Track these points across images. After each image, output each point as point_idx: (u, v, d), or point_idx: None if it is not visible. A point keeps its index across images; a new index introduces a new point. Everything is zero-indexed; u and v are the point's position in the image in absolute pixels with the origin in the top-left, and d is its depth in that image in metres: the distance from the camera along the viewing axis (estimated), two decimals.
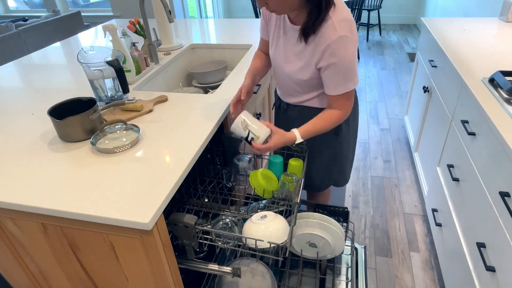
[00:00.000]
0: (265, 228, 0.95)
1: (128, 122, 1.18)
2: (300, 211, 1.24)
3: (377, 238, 1.92)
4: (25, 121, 1.26)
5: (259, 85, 1.82)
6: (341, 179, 1.52)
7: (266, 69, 1.36)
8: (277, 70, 1.28)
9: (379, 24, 5.33)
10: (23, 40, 3.58)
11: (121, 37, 1.48)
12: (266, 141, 1.11)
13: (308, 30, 1.06)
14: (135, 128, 1.14)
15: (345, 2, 3.78)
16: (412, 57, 4.36)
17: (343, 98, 1.14)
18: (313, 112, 1.23)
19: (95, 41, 2.21)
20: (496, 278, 1.10)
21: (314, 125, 1.17)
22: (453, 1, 3.84)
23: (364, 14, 5.63)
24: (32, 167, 1.00)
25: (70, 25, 4.18)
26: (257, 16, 4.69)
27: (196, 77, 1.87)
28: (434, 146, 1.88)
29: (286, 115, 1.39)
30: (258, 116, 1.89)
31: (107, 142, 1.10)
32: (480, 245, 1.20)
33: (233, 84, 1.47)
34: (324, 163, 1.43)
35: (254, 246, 0.94)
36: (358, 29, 5.54)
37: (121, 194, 0.88)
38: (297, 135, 1.14)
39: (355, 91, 1.31)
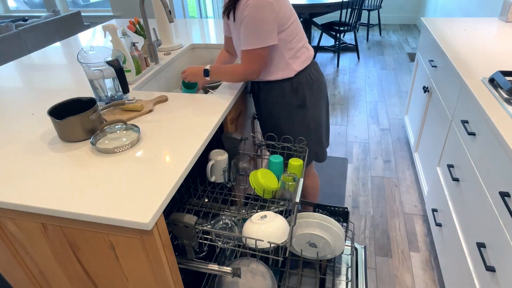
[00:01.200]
0: (265, 228, 0.95)
1: (128, 122, 1.18)
2: (300, 211, 1.24)
3: (377, 238, 1.92)
4: (25, 121, 1.26)
5: None
6: (321, 151, 1.58)
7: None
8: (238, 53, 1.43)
9: (379, 24, 5.33)
10: (23, 40, 3.58)
11: (121, 37, 1.48)
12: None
13: (229, 8, 1.25)
14: (135, 128, 1.14)
15: (345, 2, 3.78)
16: (412, 57, 4.36)
17: (247, 54, 1.26)
18: (274, 85, 1.39)
19: (95, 41, 2.21)
20: (496, 278, 1.10)
21: (221, 67, 1.38)
22: (453, 1, 3.84)
23: (364, 14, 5.64)
24: (32, 167, 1.00)
25: (70, 25, 4.18)
26: None
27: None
28: (434, 146, 1.88)
29: (259, 95, 1.49)
30: (256, 117, 1.89)
31: (107, 142, 1.10)
32: (480, 245, 1.20)
33: (233, 84, 1.47)
34: (299, 134, 1.49)
35: (254, 246, 0.94)
36: (358, 29, 5.54)
37: (121, 194, 0.88)
38: (207, 67, 1.38)
39: (320, 71, 1.46)
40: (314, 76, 1.41)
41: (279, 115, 1.45)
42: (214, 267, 1.06)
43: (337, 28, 4.11)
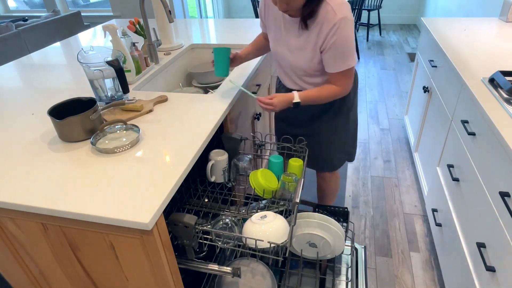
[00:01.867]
0: (265, 228, 0.95)
1: (128, 122, 1.18)
2: (300, 211, 1.24)
3: (377, 238, 1.92)
4: (25, 121, 1.26)
5: (259, 85, 1.82)
6: (354, 152, 1.65)
7: (256, 54, 1.54)
8: (281, 61, 1.38)
9: (379, 24, 5.33)
10: (23, 40, 3.58)
11: (121, 37, 1.48)
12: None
13: (307, 16, 1.17)
14: (135, 128, 1.14)
15: None
16: (412, 57, 4.36)
17: (342, 75, 1.24)
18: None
19: (95, 41, 2.21)
20: (496, 278, 1.10)
21: (313, 92, 1.28)
22: (453, 1, 3.84)
23: (364, 14, 5.63)
24: (32, 167, 1.00)
25: (70, 25, 4.18)
26: (257, 16, 4.69)
27: (196, 77, 1.87)
28: (434, 146, 1.88)
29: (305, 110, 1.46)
30: (258, 116, 1.89)
31: (107, 142, 1.10)
32: (480, 245, 1.20)
33: (233, 84, 1.47)
34: (341, 140, 1.51)
35: (254, 246, 0.94)
36: (358, 29, 5.54)
37: (121, 194, 0.88)
38: (295, 94, 1.26)
39: (355, 70, 1.39)
40: (355, 81, 1.43)
41: (324, 124, 1.45)
42: (214, 267, 1.06)
43: None
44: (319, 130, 1.47)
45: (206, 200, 1.30)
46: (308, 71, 1.30)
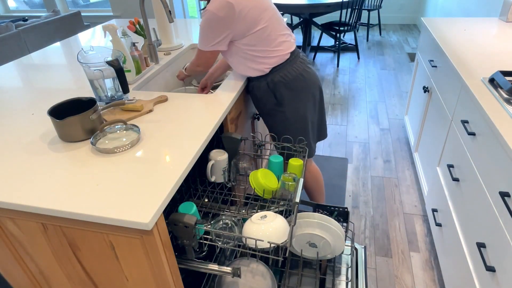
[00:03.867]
0: (265, 228, 0.95)
1: (128, 122, 1.18)
2: (300, 211, 1.24)
3: (377, 238, 1.92)
4: (25, 121, 1.26)
5: None
6: (311, 149, 1.63)
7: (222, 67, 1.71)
8: None
9: (379, 24, 5.33)
10: (23, 40, 3.58)
11: (121, 37, 1.48)
12: None
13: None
14: (135, 128, 1.14)
15: (345, 2, 3.78)
16: (412, 57, 4.36)
17: (196, 52, 1.46)
18: (255, 82, 1.48)
19: (95, 41, 2.21)
20: (496, 278, 1.10)
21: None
22: (453, 1, 3.84)
23: (364, 14, 5.64)
24: (32, 167, 1.00)
25: (70, 25, 4.18)
26: None
27: (196, 77, 1.87)
28: (434, 146, 1.88)
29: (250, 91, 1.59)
30: (258, 116, 1.89)
31: (107, 142, 1.10)
32: (480, 245, 1.20)
33: (233, 84, 1.47)
34: (283, 129, 1.54)
35: (254, 246, 0.94)
36: (358, 29, 5.54)
37: (121, 194, 0.88)
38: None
39: (309, 73, 1.49)
40: (291, 75, 1.43)
41: (263, 112, 1.56)
42: (214, 267, 1.06)
43: (337, 28, 4.11)
44: (265, 119, 1.58)
45: (206, 200, 1.30)
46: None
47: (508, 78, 1.34)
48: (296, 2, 3.95)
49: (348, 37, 5.26)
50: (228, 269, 1.06)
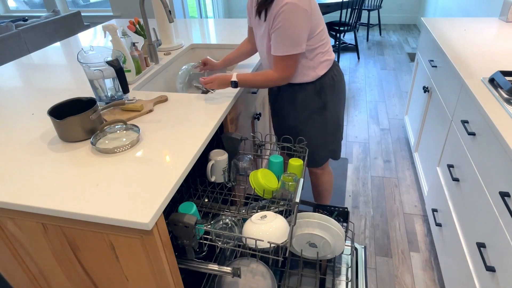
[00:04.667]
0: (265, 228, 0.95)
1: (128, 122, 1.18)
2: (300, 211, 1.24)
3: (377, 238, 1.92)
4: (25, 121, 1.26)
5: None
6: (338, 151, 1.63)
7: (240, 58, 1.61)
8: (259, 53, 1.43)
9: (379, 24, 5.33)
10: (23, 40, 3.57)
11: (121, 37, 1.48)
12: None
13: (261, 8, 1.22)
14: (135, 128, 1.14)
15: (345, 2, 3.78)
16: (412, 57, 4.36)
17: (281, 60, 1.25)
18: (297, 87, 1.39)
19: (95, 41, 2.21)
20: (496, 278, 1.10)
21: (249, 74, 1.34)
22: (453, 1, 3.84)
23: (364, 14, 5.63)
24: (32, 167, 1.00)
25: (70, 25, 4.18)
26: None
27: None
28: (434, 146, 1.88)
29: (278, 96, 1.50)
30: (258, 116, 1.89)
31: (107, 142, 1.10)
32: (480, 245, 1.20)
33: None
34: (320, 140, 1.51)
35: (254, 246, 0.94)
36: (358, 29, 5.54)
37: (121, 194, 0.88)
38: (233, 74, 1.32)
39: (339, 73, 1.44)
40: (336, 78, 1.42)
41: (299, 117, 1.46)
42: (214, 267, 1.06)
43: (337, 28, 4.11)
44: (299, 126, 1.49)
45: (206, 200, 1.30)
46: (271, 60, 1.33)
47: (508, 78, 1.33)
48: None
49: (348, 37, 5.26)
50: (228, 269, 1.06)
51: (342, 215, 1.39)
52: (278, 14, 1.16)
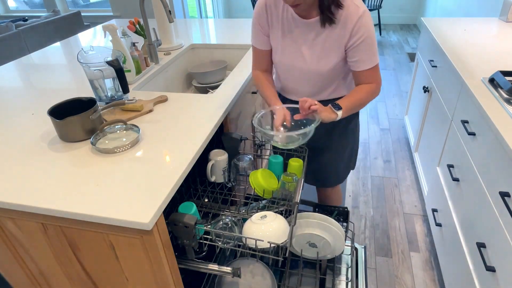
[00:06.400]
0: (265, 228, 0.95)
1: (128, 122, 1.18)
2: (300, 211, 1.24)
3: (377, 238, 1.92)
4: (25, 121, 1.26)
5: (254, 92, 1.82)
6: (355, 162, 1.59)
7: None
8: (291, 71, 1.24)
9: (379, 24, 5.33)
10: (23, 40, 3.57)
11: (121, 37, 1.48)
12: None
13: (328, 13, 1.06)
14: (135, 128, 1.14)
15: None
16: (412, 57, 4.36)
17: (376, 70, 1.16)
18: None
19: (95, 41, 2.21)
20: (496, 278, 1.10)
21: (351, 100, 1.14)
22: (453, 1, 3.84)
23: None
24: (32, 167, 1.00)
25: (70, 25, 4.18)
26: None
27: (196, 77, 1.87)
28: (434, 146, 1.88)
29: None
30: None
31: (107, 142, 1.10)
32: (480, 245, 1.20)
33: (233, 84, 1.47)
34: (348, 156, 1.49)
35: (254, 246, 0.94)
36: None
37: (121, 194, 0.88)
38: (339, 114, 1.11)
39: None
40: None
41: (332, 133, 1.36)
42: (214, 267, 1.06)
43: None
44: (330, 146, 1.41)
45: (206, 200, 1.30)
46: (329, 77, 1.20)
47: (508, 78, 1.33)
48: None
49: None
50: (228, 269, 1.06)
51: (342, 215, 1.39)
52: (358, 24, 1.06)
